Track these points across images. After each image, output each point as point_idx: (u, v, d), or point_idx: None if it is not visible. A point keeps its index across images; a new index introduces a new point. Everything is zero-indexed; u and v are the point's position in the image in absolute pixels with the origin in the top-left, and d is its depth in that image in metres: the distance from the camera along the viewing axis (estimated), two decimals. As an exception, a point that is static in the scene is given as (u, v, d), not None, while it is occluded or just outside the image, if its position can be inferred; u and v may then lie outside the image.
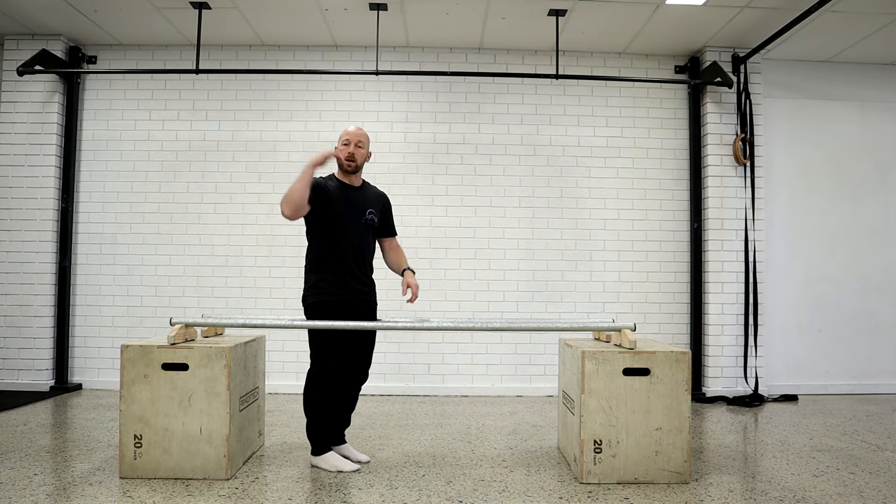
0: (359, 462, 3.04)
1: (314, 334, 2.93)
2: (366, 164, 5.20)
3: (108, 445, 3.30)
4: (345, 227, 2.97)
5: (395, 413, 4.29)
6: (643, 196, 5.16)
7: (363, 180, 3.19)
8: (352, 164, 3.05)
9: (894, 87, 5.31)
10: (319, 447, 2.96)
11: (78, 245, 5.07)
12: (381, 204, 3.20)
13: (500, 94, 5.17)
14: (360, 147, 3.05)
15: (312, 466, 2.97)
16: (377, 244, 3.23)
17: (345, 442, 3.12)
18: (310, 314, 2.96)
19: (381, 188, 3.36)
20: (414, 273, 3.16)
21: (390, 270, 3.29)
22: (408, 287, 3.07)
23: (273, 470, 2.93)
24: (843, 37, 4.77)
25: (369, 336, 3.10)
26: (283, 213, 2.87)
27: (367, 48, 5.12)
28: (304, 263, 3.07)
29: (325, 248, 2.97)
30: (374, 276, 3.15)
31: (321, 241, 2.98)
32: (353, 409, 3.13)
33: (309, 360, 2.98)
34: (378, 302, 3.19)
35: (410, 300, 3.08)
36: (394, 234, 3.28)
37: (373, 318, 3.13)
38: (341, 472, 2.91)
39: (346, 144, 3.05)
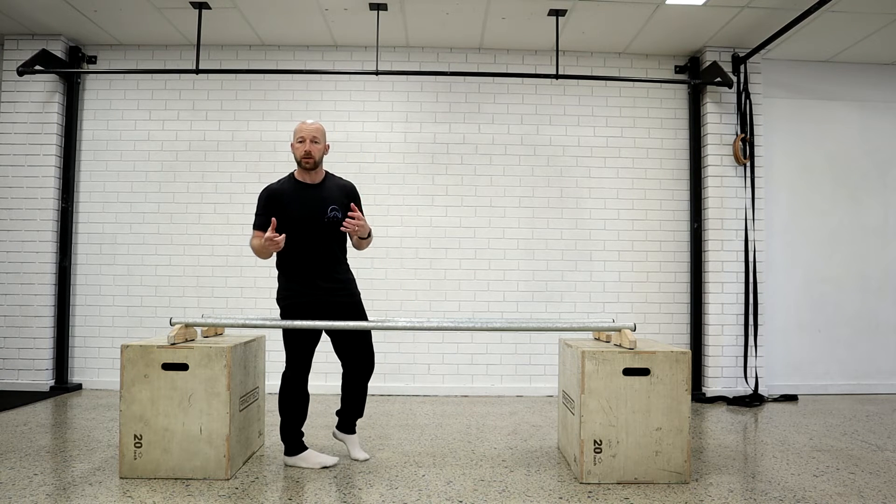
0: (356, 460, 3.05)
1: (287, 336, 2.96)
2: (367, 164, 5.22)
3: (108, 445, 3.30)
4: (304, 230, 2.92)
5: (395, 413, 4.29)
6: (643, 196, 5.16)
7: (326, 173, 3.08)
8: (309, 162, 2.95)
9: (894, 87, 5.31)
10: (296, 447, 2.97)
11: (78, 245, 5.07)
12: (346, 196, 3.06)
13: (500, 94, 5.17)
14: (315, 143, 2.94)
15: (288, 467, 2.96)
16: (349, 237, 3.09)
17: (354, 433, 3.13)
18: (282, 317, 3.00)
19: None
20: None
21: (359, 251, 3.29)
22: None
23: (273, 470, 2.93)
24: (843, 37, 4.77)
25: (350, 332, 3.03)
26: (252, 246, 2.98)
27: (367, 48, 5.12)
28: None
29: (290, 253, 2.94)
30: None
31: (286, 245, 2.89)
32: (363, 400, 3.11)
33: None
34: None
35: (351, 221, 2.93)
36: None
37: (349, 315, 3.02)
38: (325, 467, 2.93)
39: (301, 142, 2.94)
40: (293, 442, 2.97)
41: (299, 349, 2.95)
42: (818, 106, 5.27)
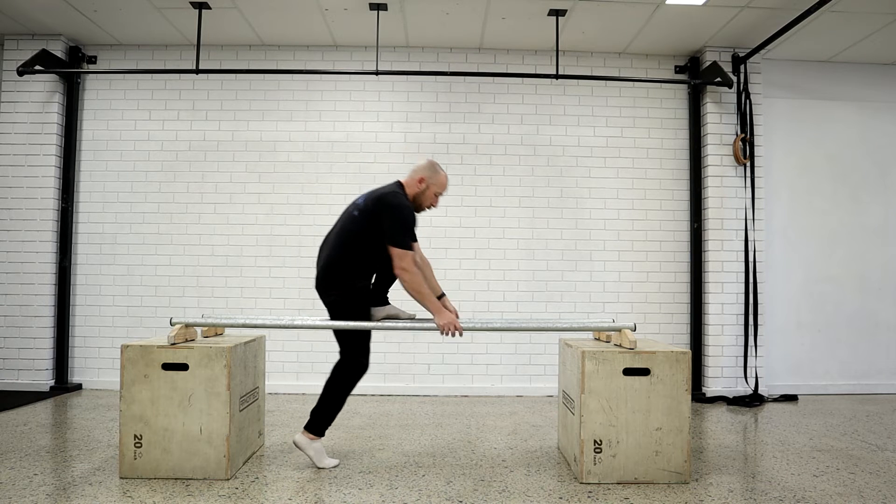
0: (409, 318, 3.08)
1: (357, 331, 2.97)
2: (367, 164, 5.23)
3: (108, 445, 3.30)
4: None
5: (395, 413, 4.29)
6: (643, 196, 5.16)
7: None
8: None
9: (894, 87, 5.31)
10: (323, 429, 2.98)
11: (78, 245, 5.07)
12: None
13: (500, 94, 5.17)
14: None
15: (295, 445, 2.97)
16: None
17: (388, 303, 3.15)
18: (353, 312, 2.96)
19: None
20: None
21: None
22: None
23: (273, 470, 2.93)
24: (843, 37, 4.77)
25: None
26: (409, 270, 2.84)
27: (367, 48, 5.12)
28: (323, 261, 2.98)
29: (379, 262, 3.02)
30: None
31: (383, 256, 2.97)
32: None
33: (335, 357, 3.05)
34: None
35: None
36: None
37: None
38: (323, 468, 2.95)
39: (439, 196, 3.14)
40: (328, 425, 2.99)
41: (367, 340, 3.03)
42: (818, 106, 5.27)
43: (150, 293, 5.06)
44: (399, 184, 3.08)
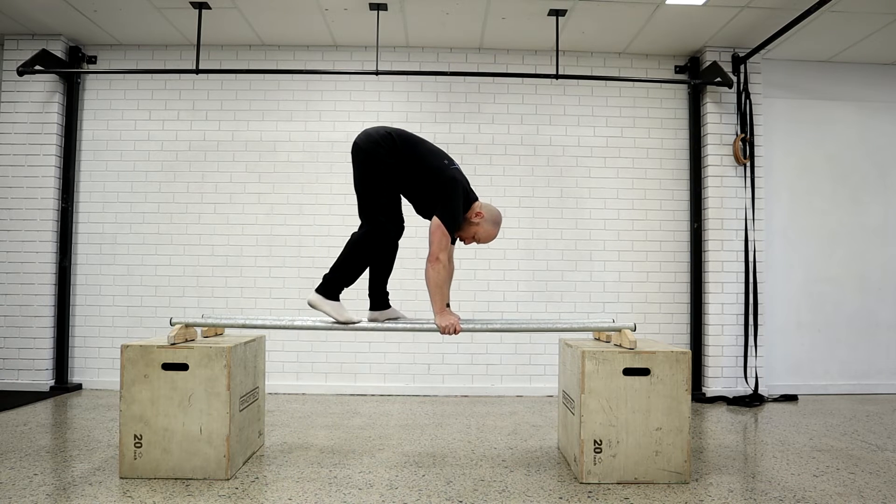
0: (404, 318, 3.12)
1: (372, 193, 2.97)
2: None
3: (108, 445, 3.30)
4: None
5: (395, 413, 4.29)
6: (643, 196, 5.16)
7: None
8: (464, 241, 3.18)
9: (894, 87, 5.31)
10: (335, 293, 2.96)
11: (78, 245, 5.07)
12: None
13: (500, 94, 5.17)
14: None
15: (310, 305, 2.95)
16: None
17: (389, 306, 3.17)
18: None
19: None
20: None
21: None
22: None
23: (273, 470, 2.93)
24: (843, 37, 4.77)
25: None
26: (444, 262, 2.91)
27: (367, 48, 5.12)
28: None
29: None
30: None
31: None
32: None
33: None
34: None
35: None
36: None
37: None
38: (351, 322, 2.94)
39: (473, 238, 3.11)
40: (341, 289, 2.97)
41: (394, 200, 3.03)
42: (818, 106, 5.27)
43: (150, 293, 5.06)
44: (476, 197, 3.10)
